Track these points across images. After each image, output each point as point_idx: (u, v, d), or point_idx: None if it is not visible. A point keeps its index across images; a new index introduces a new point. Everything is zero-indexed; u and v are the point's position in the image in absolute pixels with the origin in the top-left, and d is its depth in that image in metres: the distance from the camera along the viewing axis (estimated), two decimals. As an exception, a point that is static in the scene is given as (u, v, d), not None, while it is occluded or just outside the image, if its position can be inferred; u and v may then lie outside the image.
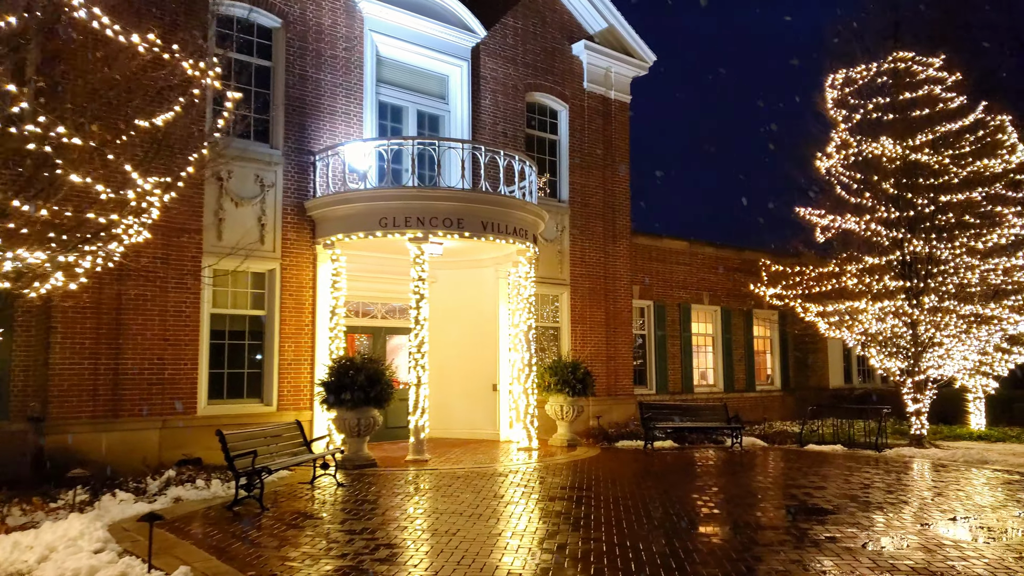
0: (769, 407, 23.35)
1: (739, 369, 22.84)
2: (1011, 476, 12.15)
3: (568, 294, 17.91)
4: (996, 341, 16.21)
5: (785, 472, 12.53)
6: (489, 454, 14.04)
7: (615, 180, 19.21)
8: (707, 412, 16.80)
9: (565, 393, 15.09)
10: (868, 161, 16.23)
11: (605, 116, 19.19)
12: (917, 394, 16.11)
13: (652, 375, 20.61)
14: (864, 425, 17.59)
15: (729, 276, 22.71)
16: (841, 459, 14.32)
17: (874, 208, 15.96)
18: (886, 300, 15.68)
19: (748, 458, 14.57)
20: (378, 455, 13.39)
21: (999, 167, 15.56)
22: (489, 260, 16.29)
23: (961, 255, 15.52)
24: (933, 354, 15.73)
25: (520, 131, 17.42)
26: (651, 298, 20.83)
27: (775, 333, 24.22)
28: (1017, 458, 13.92)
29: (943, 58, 15.98)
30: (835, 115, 16.81)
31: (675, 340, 21.25)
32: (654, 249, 21.19)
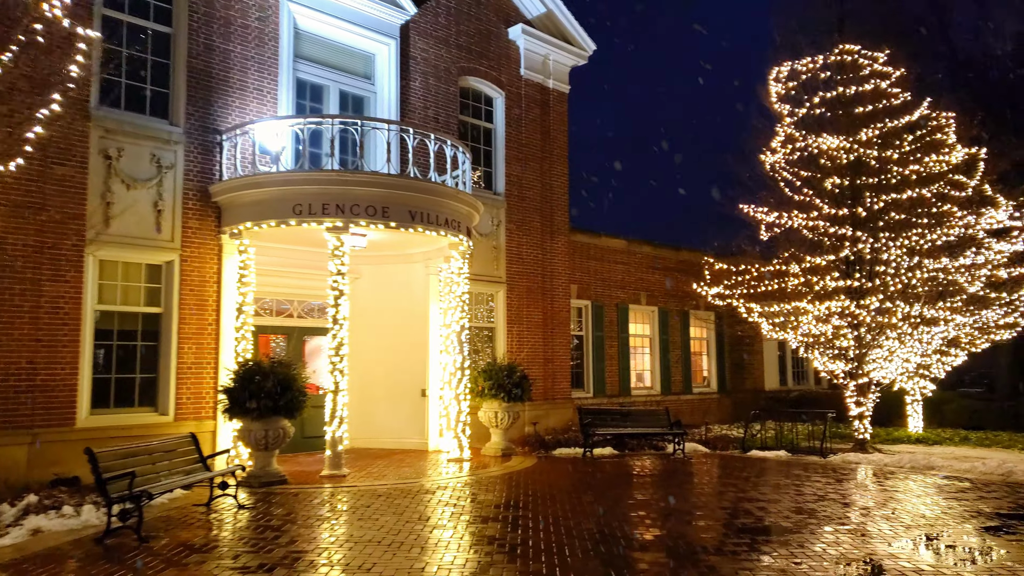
0: (706, 410, 22.83)
1: (676, 371, 22.23)
2: (961, 483, 11.66)
3: (504, 292, 16.84)
4: (937, 344, 15.90)
5: (732, 483, 11.74)
6: (416, 467, 12.82)
7: (553, 173, 18.24)
8: (648, 417, 15.98)
9: (500, 399, 14.00)
10: (813, 157, 15.72)
11: (543, 105, 18.21)
12: (860, 397, 15.67)
13: (590, 378, 19.74)
14: (806, 428, 17.08)
15: (667, 276, 22.08)
16: (787, 466, 13.67)
17: (818, 206, 15.45)
18: (830, 300, 15.17)
19: (691, 466, 13.78)
20: (291, 469, 12.01)
21: (942, 166, 15.23)
22: (419, 255, 15.07)
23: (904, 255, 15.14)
24: (877, 356, 15.30)
25: (453, 117, 16.25)
26: (589, 298, 19.98)
27: (712, 334, 23.74)
28: (961, 463, 13.53)
29: (888, 53, 15.59)
30: (780, 109, 16.26)
31: (613, 341, 20.45)
32: (592, 247, 20.35)
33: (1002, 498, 10.40)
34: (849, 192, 15.34)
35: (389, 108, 15.05)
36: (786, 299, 15.73)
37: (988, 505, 9.84)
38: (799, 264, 15.56)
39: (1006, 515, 9.20)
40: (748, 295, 16.22)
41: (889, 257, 15.16)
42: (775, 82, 16.28)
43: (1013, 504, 9.92)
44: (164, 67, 12.34)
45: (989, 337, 16.40)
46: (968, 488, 11.21)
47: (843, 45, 15.47)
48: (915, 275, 14.79)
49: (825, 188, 15.44)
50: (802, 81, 16.22)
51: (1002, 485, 11.52)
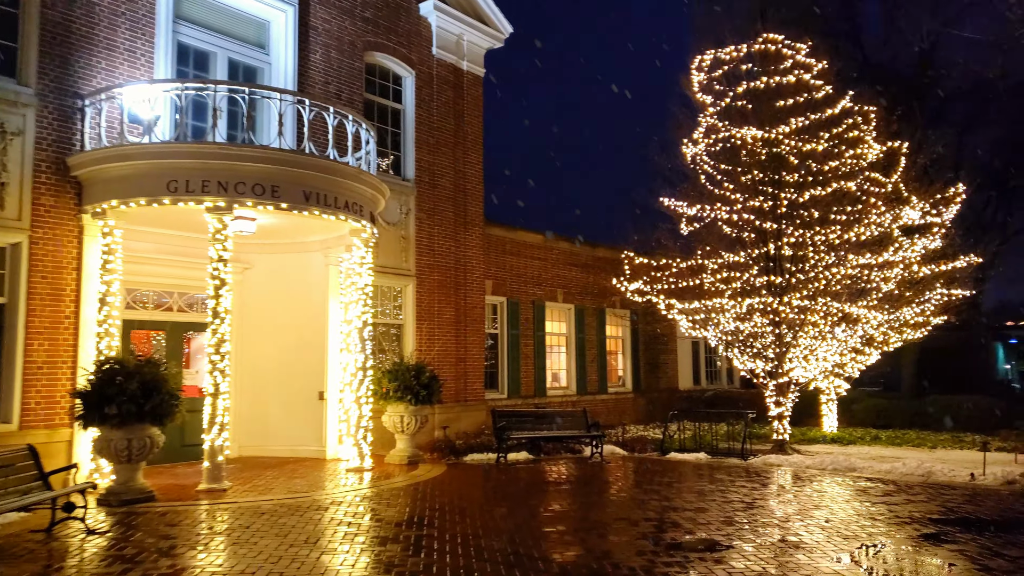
0: (622, 410, 22.26)
1: (592, 370, 21.55)
2: (885, 486, 11.28)
3: (413, 287, 15.64)
4: (855, 343, 15.70)
5: (655, 490, 10.96)
6: (310, 478, 11.48)
7: (468, 160, 17.17)
8: (564, 419, 15.12)
9: (407, 401, 12.81)
10: (735, 149, 15.24)
11: (457, 88, 17.11)
12: (780, 397, 15.29)
13: (504, 378, 18.76)
14: (724, 429, 16.60)
15: (584, 273, 21.38)
16: (708, 470, 13.06)
17: (740, 200, 14.97)
18: (751, 297, 14.71)
19: (611, 471, 12.98)
20: (164, 483, 10.50)
21: (862, 162, 15.01)
22: (317, 243, 13.71)
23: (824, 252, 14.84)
24: (797, 354, 14.94)
25: (358, 95, 14.94)
26: (505, 294, 19.00)
27: (628, 333, 23.21)
28: (880, 463, 13.26)
29: (810, 45, 15.28)
30: (702, 99, 15.72)
31: (529, 340, 19.56)
32: (509, 241, 19.39)
33: (929, 501, 10.00)
34: (770, 187, 14.93)
35: (285, 81, 13.62)
36: (706, 296, 15.20)
37: (918, 509, 9.38)
38: (719, 259, 15.04)
39: (939, 520, 8.73)
40: (668, 291, 15.61)
41: (809, 254, 14.85)
42: (697, 71, 15.74)
43: (942, 508, 9.51)
44: (11, 17, 10.56)
45: (903, 336, 16.36)
46: (893, 491, 10.81)
47: (766, 35, 15.06)
48: (836, 272, 14.50)
49: (746, 183, 14.99)
50: (725, 71, 15.74)
51: (925, 487, 11.19)
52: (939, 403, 20.88)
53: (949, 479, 11.78)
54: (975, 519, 8.86)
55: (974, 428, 19.35)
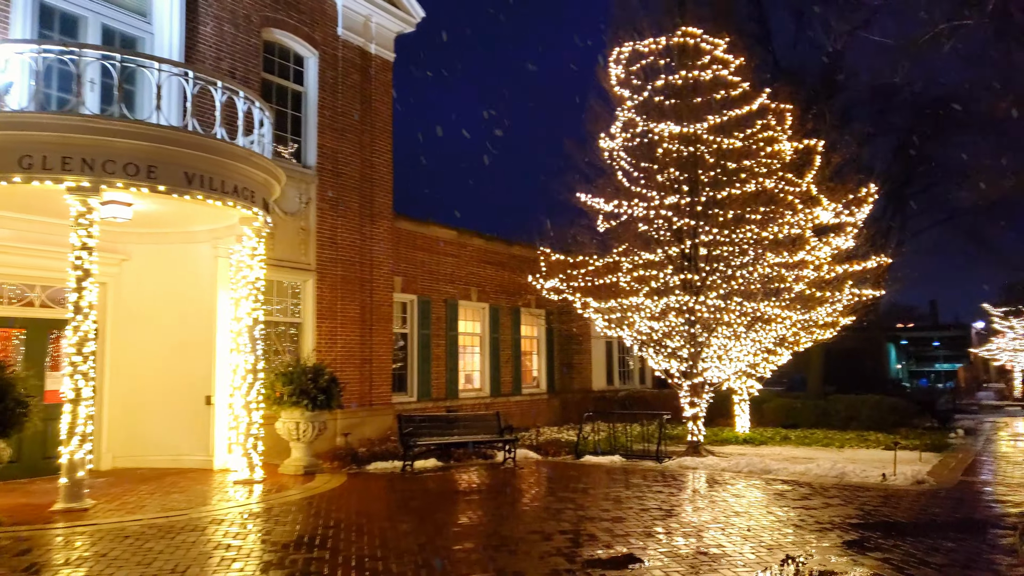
0: (536, 411, 21.73)
1: (506, 371, 20.91)
2: (802, 488, 11.05)
3: (314, 282, 14.56)
4: (768, 343, 15.60)
5: (570, 498, 10.35)
6: (191, 492, 10.31)
7: (376, 149, 16.20)
8: (476, 423, 14.37)
9: (303, 407, 11.77)
10: (652, 145, 14.88)
11: (364, 72, 16.11)
12: (695, 397, 15.02)
13: (414, 380, 17.86)
14: (639, 430, 16.24)
15: (499, 271, 20.72)
16: (624, 474, 12.58)
17: (656, 197, 14.61)
18: (667, 296, 14.37)
19: (524, 478, 12.33)
20: (15, 503, 9.15)
21: (777, 162, 14.91)
22: (206, 232, 12.49)
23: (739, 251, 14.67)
24: (711, 354, 14.70)
25: (254, 74, 13.76)
26: (415, 292, 18.11)
27: (542, 333, 22.69)
28: (793, 464, 13.11)
29: (728, 40, 15.08)
30: (620, 93, 15.29)
31: (440, 340, 18.73)
32: (419, 236, 18.50)
33: (846, 504, 9.77)
34: (686, 185, 14.64)
35: (170, 54, 12.33)
36: (623, 294, 14.77)
37: (837, 514, 9.11)
38: (636, 257, 14.65)
39: (860, 525, 8.45)
40: (584, 289, 15.10)
41: (724, 253, 14.65)
42: (615, 64, 15.30)
43: (860, 512, 9.27)
44: None
45: (813, 336, 16.42)
46: (810, 494, 10.57)
47: (685, 28, 14.76)
48: (752, 271, 14.33)
49: (663, 182, 14.65)
50: (643, 65, 15.36)
51: (840, 489, 11.02)
52: (842, 402, 21.30)
53: (862, 480, 11.69)
54: (894, 523, 8.64)
55: (876, 427, 19.79)
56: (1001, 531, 8.21)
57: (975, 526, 8.46)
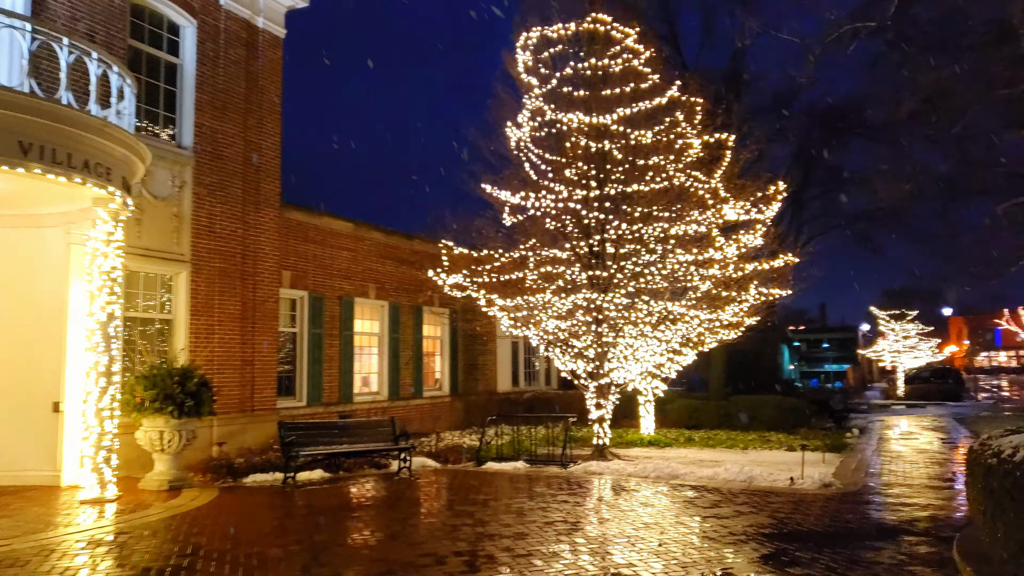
0: (438, 415, 20.77)
1: (406, 373, 19.85)
2: (711, 495, 10.57)
3: (188, 275, 13.10)
4: (675, 343, 15.23)
5: (469, 511, 9.48)
6: (27, 515, 8.82)
7: (263, 131, 14.85)
8: (369, 429, 13.29)
9: (168, 413, 10.39)
10: (561, 136, 14.23)
11: (251, 47, 14.74)
12: (601, 399, 14.46)
13: (303, 383, 16.55)
14: (543, 433, 15.55)
15: (399, 267, 19.64)
16: (527, 482, 11.82)
17: (565, 191, 13.96)
18: (574, 294, 13.74)
19: (420, 489, 11.37)
20: None
21: (685, 159, 14.53)
22: (56, 216, 10.91)
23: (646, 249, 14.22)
24: (618, 354, 14.18)
25: (120, 40, 12.21)
26: (306, 288, 16.80)
27: (446, 333, 21.75)
28: (701, 468, 12.68)
29: (638, 31, 14.61)
30: (528, 80, 14.57)
31: (334, 340, 17.48)
32: (312, 228, 17.20)
33: (758, 511, 9.32)
34: (595, 180, 14.07)
35: (12, 8, 10.69)
36: (529, 292, 14.05)
37: (750, 523, 8.62)
38: (543, 253, 13.96)
39: (775, 536, 7.96)
40: (489, 286, 14.28)
41: (632, 250, 14.17)
42: (523, 50, 14.56)
43: (773, 520, 8.82)
44: None
45: (719, 336, 16.20)
46: (720, 501, 10.09)
47: (595, 14, 14.17)
48: (661, 268, 13.88)
49: (570, 176, 14.01)
50: (552, 53, 14.69)
51: (749, 494, 10.61)
52: (744, 403, 21.38)
53: (770, 484, 11.35)
54: (809, 532, 8.20)
55: (776, 427, 19.91)
56: (915, 538, 7.89)
57: (889, 533, 8.13)
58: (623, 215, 13.72)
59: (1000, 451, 4.31)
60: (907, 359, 47.73)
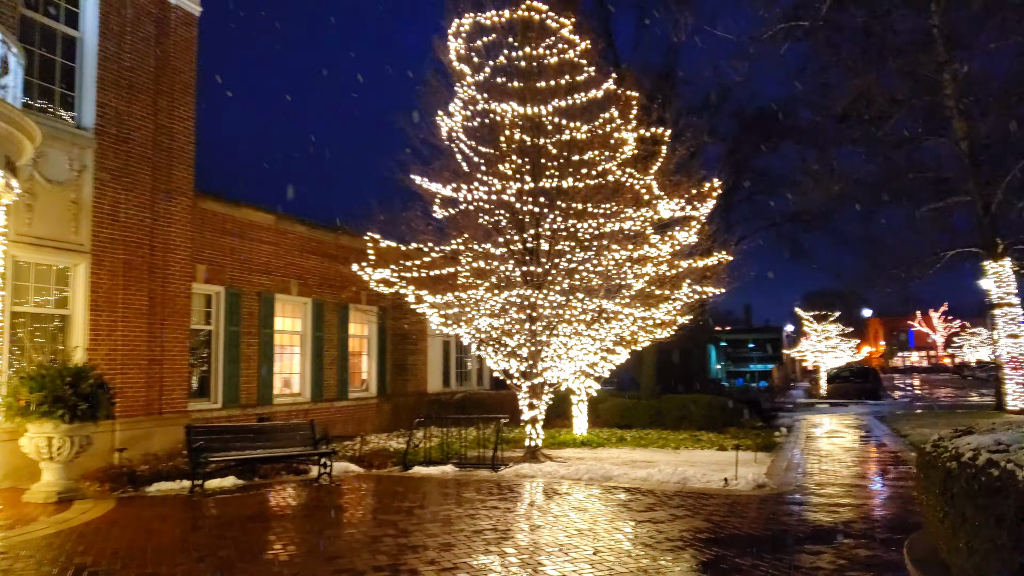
0: (364, 418, 19.99)
1: (331, 374, 19.00)
2: (646, 498, 10.24)
3: (88, 267, 12.04)
4: (609, 342, 14.92)
5: (392, 521, 8.87)
6: None
7: (175, 115, 13.84)
8: (287, 433, 12.50)
9: (57, 418, 9.41)
10: (495, 128, 13.72)
11: (161, 24, 13.71)
12: (534, 399, 14.02)
13: (219, 384, 15.58)
14: (474, 435, 15.00)
15: (325, 262, 18.78)
16: (456, 487, 11.27)
17: (498, 184, 13.46)
18: (508, 290, 13.26)
19: (340, 497, 10.68)
20: None
21: (620, 155, 14.23)
22: (-71, 199, 9.76)
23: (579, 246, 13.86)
24: (552, 353, 13.77)
25: (8, 6, 11.08)
26: (222, 282, 15.83)
27: (374, 331, 20.96)
28: (634, 470, 12.36)
29: (574, 21, 14.22)
30: (460, 68, 14.00)
31: (253, 338, 16.54)
32: (230, 220, 16.22)
33: (694, 515, 9.01)
34: (530, 174, 13.62)
35: None
36: (461, 288, 13.50)
37: (687, 527, 8.29)
38: (476, 247, 13.43)
39: (713, 541, 7.64)
40: (419, 281, 13.65)
41: (566, 248, 13.79)
42: (455, 37, 13.99)
43: (710, 524, 8.52)
44: None
45: (652, 335, 15.97)
46: (655, 504, 9.76)
47: (530, 2, 13.71)
48: (597, 264, 13.53)
49: (504, 171, 13.53)
50: (486, 42, 14.16)
51: (684, 497, 10.33)
52: (675, 402, 21.33)
53: (705, 486, 11.11)
54: (746, 536, 7.92)
55: (707, 426, 19.91)
56: (853, 541, 7.69)
57: (826, 536, 7.91)
58: (558, 210, 13.30)
59: (959, 454, 4.01)
60: (829, 359, 49.20)
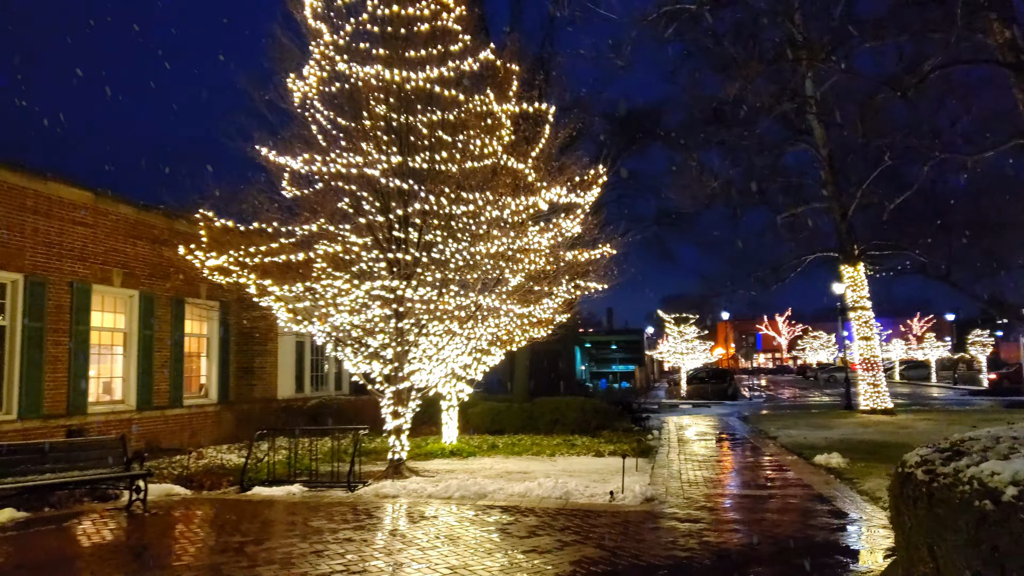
0: (201, 428, 17.54)
1: (162, 378, 16.44)
2: (526, 518, 8.94)
3: None
4: (484, 341, 13.57)
5: (216, 564, 7.03)
6: None
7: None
8: (91, 451, 10.17)
9: None
10: (356, 96, 12.00)
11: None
12: (399, 406, 12.39)
13: (14, 392, 12.83)
14: (328, 445, 13.17)
15: (156, 249, 16.23)
16: (304, 513, 9.49)
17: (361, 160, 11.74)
18: (371, 281, 11.59)
19: (154, 531, 8.62)
20: None
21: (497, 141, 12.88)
22: None
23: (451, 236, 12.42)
24: (420, 354, 12.23)
25: None
26: (20, 269, 13.09)
27: (215, 329, 18.51)
28: (512, 483, 11.04)
29: (449, -18, 12.72)
30: (316, 26, 12.16)
31: (62, 336, 13.85)
32: (31, 195, 13.48)
33: (584, 540, 7.78)
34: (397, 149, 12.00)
35: None
36: (315, 279, 11.66)
37: (576, 557, 7.03)
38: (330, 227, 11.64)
39: (608, 574, 6.42)
40: (263, 269, 11.67)
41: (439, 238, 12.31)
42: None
43: (602, 551, 7.30)
44: None
45: (528, 334, 14.79)
46: (538, 526, 8.46)
47: (399, -45, 12.08)
48: (475, 253, 12.11)
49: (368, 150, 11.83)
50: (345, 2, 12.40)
51: (569, 515, 9.11)
52: (548, 406, 20.34)
53: (589, 501, 9.96)
54: (647, 567, 6.75)
55: (580, 430, 19.04)
56: (766, 569, 6.71)
57: (736, 563, 6.89)
58: (430, 190, 11.75)
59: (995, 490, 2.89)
60: (688, 360, 50.58)
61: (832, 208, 25.89)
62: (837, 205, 25.57)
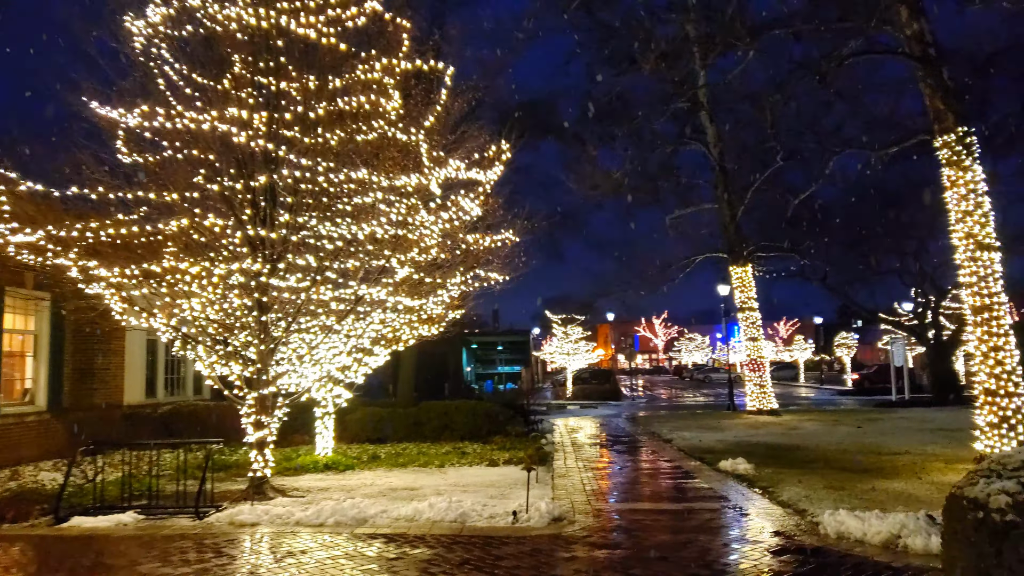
0: (24, 441, 14.81)
1: (-29, 383, 13.66)
2: (416, 550, 7.39)
3: None
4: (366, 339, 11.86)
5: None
6: None
7: None
8: None
9: None
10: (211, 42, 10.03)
11: None
12: (263, 415, 10.48)
13: None
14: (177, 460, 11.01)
15: None
16: (138, 550, 7.53)
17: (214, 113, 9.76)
18: (229, 264, 9.66)
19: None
20: None
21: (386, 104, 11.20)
22: None
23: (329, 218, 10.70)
24: (290, 354, 10.40)
25: None
26: None
27: (45, 325, 15.74)
28: (398, 505, 9.39)
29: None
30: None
31: None
32: None
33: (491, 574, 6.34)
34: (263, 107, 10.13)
35: None
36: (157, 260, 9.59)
37: (485, 608, 5.58)
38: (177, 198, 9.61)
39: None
40: (91, 249, 9.47)
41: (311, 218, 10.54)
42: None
43: (515, 596, 5.89)
44: None
45: (417, 332, 13.19)
46: (432, 560, 6.94)
47: None
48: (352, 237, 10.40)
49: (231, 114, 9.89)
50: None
51: (467, 545, 7.63)
52: (435, 410, 18.80)
53: (489, 524, 8.52)
54: (573, 619, 5.39)
55: (471, 436, 17.67)
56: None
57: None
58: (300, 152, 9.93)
59: None
60: (573, 361, 50.35)
61: (722, 209, 25.80)
62: (727, 206, 25.48)
